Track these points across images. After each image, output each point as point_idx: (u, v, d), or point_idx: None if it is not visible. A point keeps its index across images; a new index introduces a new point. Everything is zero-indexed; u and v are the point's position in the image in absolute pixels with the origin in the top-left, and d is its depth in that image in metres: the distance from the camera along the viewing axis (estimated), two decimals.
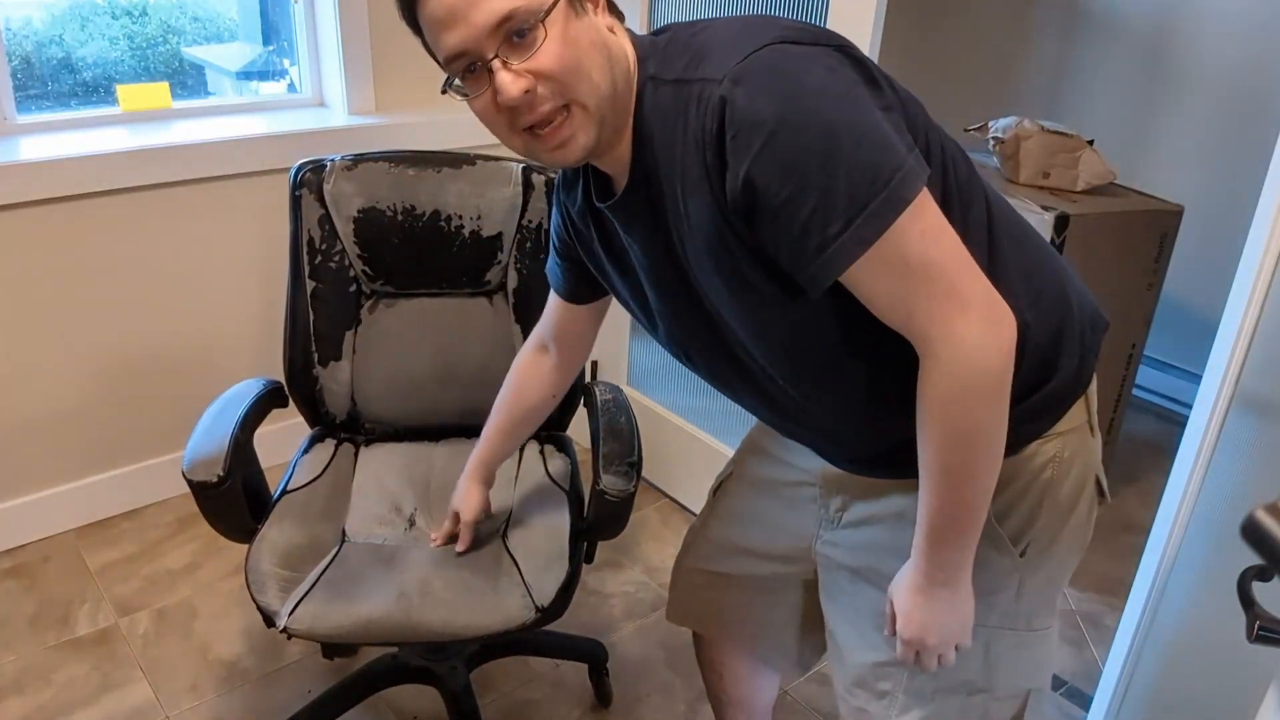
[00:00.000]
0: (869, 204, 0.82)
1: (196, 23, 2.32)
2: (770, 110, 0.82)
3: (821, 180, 0.82)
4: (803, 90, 0.82)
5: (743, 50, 0.85)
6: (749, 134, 0.83)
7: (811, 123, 0.81)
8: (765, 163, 0.83)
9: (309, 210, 1.64)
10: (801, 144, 0.82)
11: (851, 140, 0.82)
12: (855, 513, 1.14)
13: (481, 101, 0.91)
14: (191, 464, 1.38)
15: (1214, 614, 1.43)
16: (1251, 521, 0.66)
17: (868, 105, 0.84)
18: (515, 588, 1.43)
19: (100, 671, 1.86)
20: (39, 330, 2.08)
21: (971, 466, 0.92)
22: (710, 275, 0.95)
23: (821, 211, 0.83)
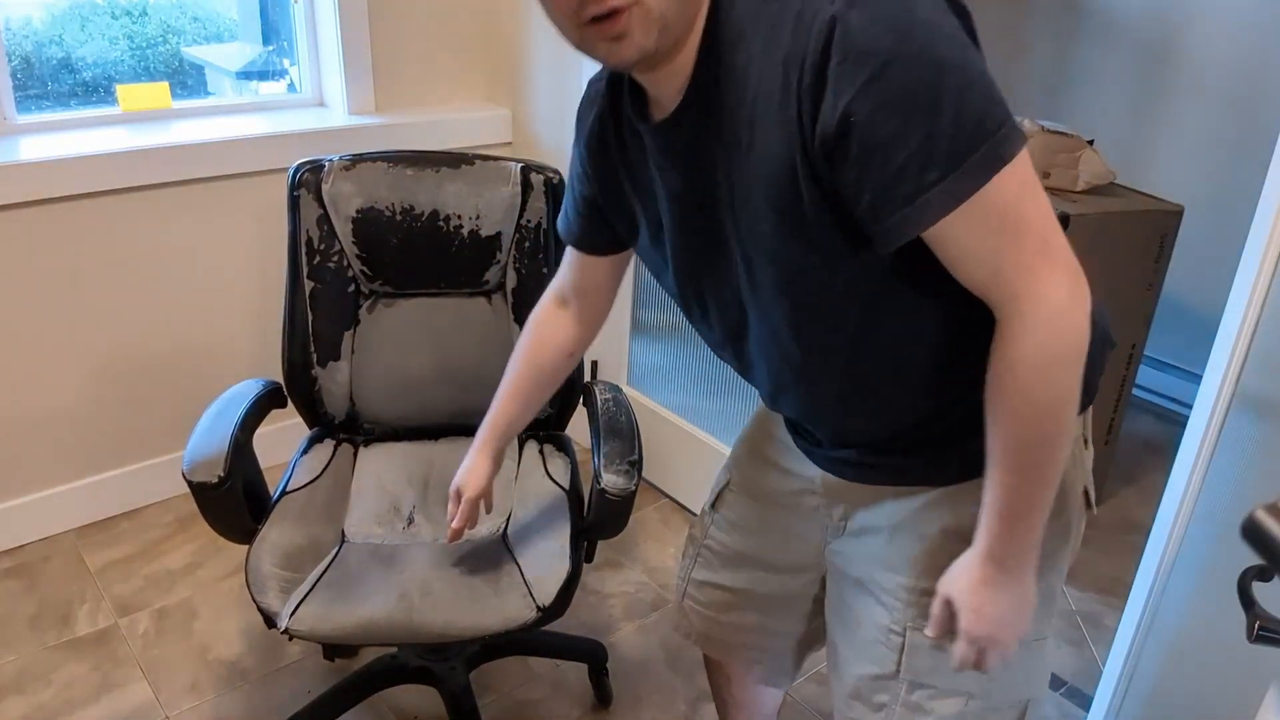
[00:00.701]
0: (973, 153, 0.77)
1: (196, 23, 2.32)
2: (885, 40, 0.76)
3: (927, 123, 0.77)
4: (916, 23, 0.77)
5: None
6: (858, 62, 0.76)
7: (924, 59, 0.76)
8: (870, 96, 0.76)
9: (307, 210, 1.64)
10: (912, 81, 0.76)
11: (962, 83, 0.77)
12: (858, 521, 1.12)
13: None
14: (192, 465, 1.38)
15: (1214, 614, 1.43)
16: (1251, 521, 0.66)
17: (974, 51, 0.80)
18: (516, 587, 1.43)
19: (100, 671, 1.86)
20: (39, 330, 2.08)
21: (1052, 439, 0.88)
22: (759, 212, 0.88)
23: (921, 156, 0.78)
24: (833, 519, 1.15)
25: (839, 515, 1.14)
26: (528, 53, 2.43)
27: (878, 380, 0.97)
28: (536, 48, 2.40)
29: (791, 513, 1.20)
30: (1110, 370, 2.36)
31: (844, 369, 0.97)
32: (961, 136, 0.77)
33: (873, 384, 0.97)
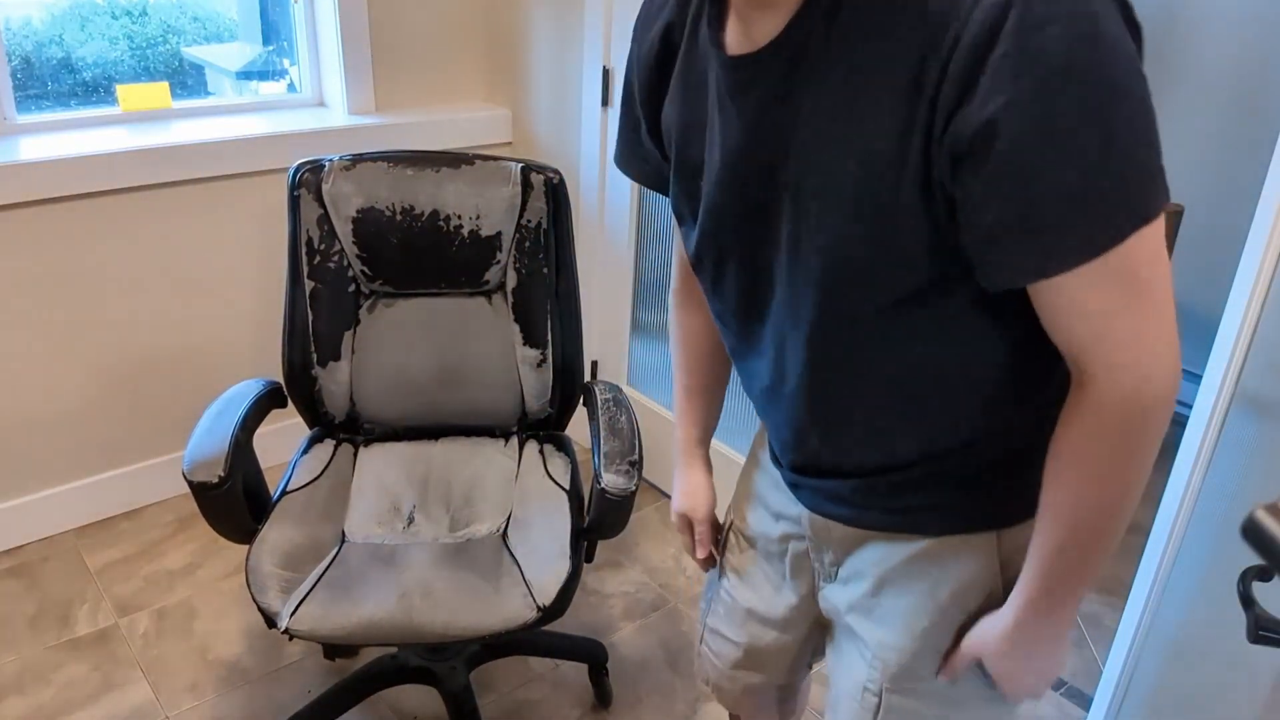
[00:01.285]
0: (1126, 202, 0.67)
1: (196, 23, 2.32)
2: (1063, 46, 0.63)
3: (1086, 155, 0.65)
4: (1102, 35, 0.64)
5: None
6: (1029, 62, 0.64)
7: (1104, 80, 0.64)
8: (1031, 107, 0.64)
9: (308, 210, 1.64)
10: (1085, 102, 0.64)
11: (1135, 119, 0.66)
12: (847, 568, 1.03)
13: None
14: (192, 465, 1.38)
15: (1214, 614, 1.43)
16: (1251, 521, 0.66)
17: (1143, 78, 0.67)
18: (516, 587, 1.43)
19: (100, 671, 1.86)
20: (39, 330, 2.08)
21: (1123, 506, 0.80)
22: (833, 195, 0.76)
23: (1067, 192, 0.66)
24: (823, 565, 1.06)
25: (829, 561, 1.05)
26: (528, 53, 2.43)
27: (896, 400, 0.87)
28: (536, 48, 2.40)
29: (780, 561, 1.11)
30: None
31: (861, 378, 0.87)
32: (1119, 180, 0.66)
33: (887, 402, 0.87)
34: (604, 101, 2.24)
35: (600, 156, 2.30)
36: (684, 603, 2.10)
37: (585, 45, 2.23)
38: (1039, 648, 0.88)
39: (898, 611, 0.97)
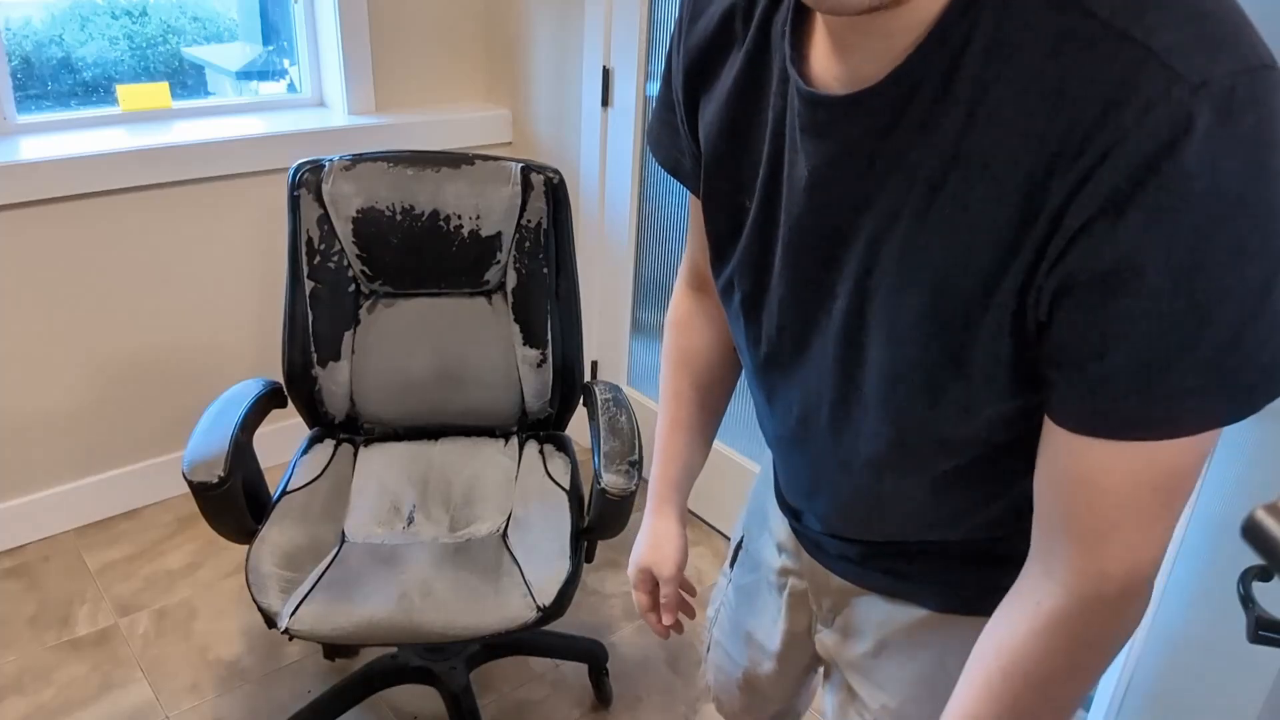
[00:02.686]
0: (1240, 386, 0.55)
1: (196, 23, 2.32)
2: (1238, 181, 0.50)
3: (1228, 320, 0.53)
4: (1276, 171, 0.51)
5: (1234, 47, 0.50)
6: (1193, 202, 0.50)
7: (1273, 230, 0.52)
8: (1182, 250, 0.51)
9: (308, 210, 1.64)
10: (1244, 252, 0.51)
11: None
12: (844, 619, 0.96)
13: None
14: (192, 465, 1.38)
15: (1214, 614, 1.43)
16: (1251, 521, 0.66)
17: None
18: (516, 587, 1.43)
19: (100, 671, 1.86)
20: (39, 330, 2.08)
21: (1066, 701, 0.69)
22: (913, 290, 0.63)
23: (1183, 362, 0.54)
24: (820, 609, 0.99)
25: (826, 607, 0.98)
26: (528, 53, 2.43)
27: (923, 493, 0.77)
28: (536, 48, 2.40)
29: (779, 595, 1.04)
30: None
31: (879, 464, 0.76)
32: (1256, 356, 0.54)
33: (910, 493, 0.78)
34: (604, 101, 2.24)
35: (600, 156, 2.30)
36: None
37: (585, 45, 2.23)
38: None
39: (904, 679, 0.90)
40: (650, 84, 2.18)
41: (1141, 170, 0.50)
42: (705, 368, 0.98)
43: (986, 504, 0.76)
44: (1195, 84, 0.49)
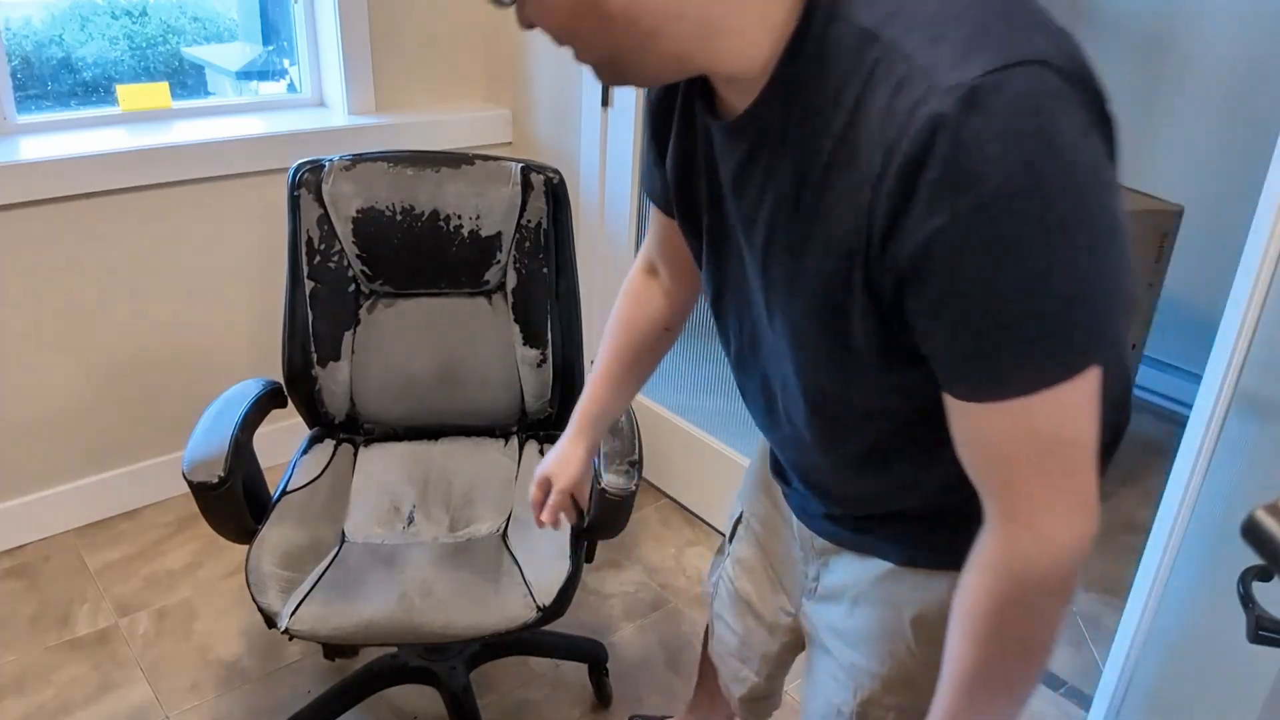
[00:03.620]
0: (1054, 352, 0.63)
1: (196, 23, 2.32)
2: (1006, 166, 0.57)
3: (1013, 288, 0.61)
4: (1052, 153, 0.58)
5: (994, 52, 0.58)
6: (962, 185, 0.58)
7: (1049, 208, 0.59)
8: (967, 232, 0.59)
9: (308, 210, 1.64)
10: (1023, 231, 0.59)
11: (1077, 254, 0.61)
12: (825, 584, 1.04)
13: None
14: (192, 465, 1.38)
15: (1214, 614, 1.43)
16: (1251, 521, 0.66)
17: (1110, 199, 0.62)
18: (516, 587, 1.43)
19: (100, 671, 1.86)
20: (39, 330, 2.07)
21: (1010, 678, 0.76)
22: (796, 289, 0.74)
23: (995, 327, 0.63)
24: (807, 576, 1.07)
25: (812, 574, 1.06)
26: (528, 53, 2.43)
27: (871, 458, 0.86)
28: (536, 48, 2.40)
29: (780, 563, 1.14)
30: None
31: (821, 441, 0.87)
32: (1047, 323, 0.62)
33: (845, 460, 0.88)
34: (604, 101, 2.24)
35: (600, 156, 2.30)
36: (684, 603, 2.10)
37: None
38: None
39: (869, 635, 0.97)
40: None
41: (916, 161, 0.59)
42: (640, 337, 1.14)
43: (927, 469, 0.83)
44: (947, 86, 0.58)
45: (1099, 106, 0.63)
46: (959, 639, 0.77)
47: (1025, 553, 0.71)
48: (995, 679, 0.76)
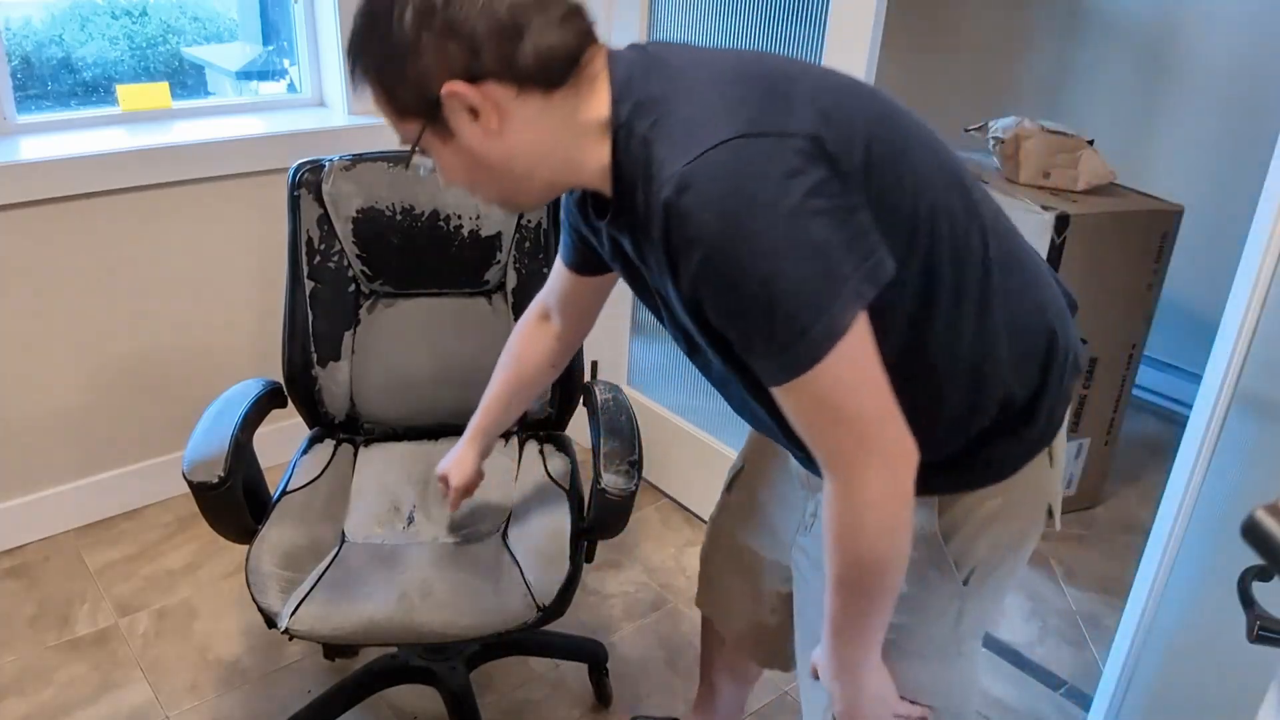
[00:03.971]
0: (799, 338, 0.81)
1: (196, 23, 2.32)
2: (709, 230, 0.79)
3: (751, 307, 0.81)
4: (749, 207, 0.78)
5: (699, 143, 0.80)
6: (688, 250, 0.81)
7: (749, 250, 0.79)
8: (703, 281, 0.82)
9: (308, 210, 1.64)
10: (736, 271, 0.80)
11: (786, 271, 0.79)
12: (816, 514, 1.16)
13: None
14: (192, 465, 1.38)
15: (1214, 614, 1.43)
16: (1251, 521, 0.66)
17: (817, 223, 0.80)
18: (516, 587, 1.43)
19: (100, 671, 1.86)
20: (39, 330, 2.08)
21: (867, 587, 0.93)
22: (682, 321, 0.96)
23: (750, 338, 0.85)
24: (805, 514, 1.19)
25: (810, 510, 1.17)
26: None
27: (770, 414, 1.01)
28: None
29: (779, 504, 1.27)
30: (1110, 370, 2.36)
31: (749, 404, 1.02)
32: (784, 328, 0.81)
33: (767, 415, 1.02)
34: None
35: None
36: (684, 603, 2.10)
37: None
38: (845, 685, 1.03)
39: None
40: None
41: (664, 239, 0.83)
42: (529, 371, 1.36)
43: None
44: (669, 175, 0.81)
45: (820, 143, 0.82)
46: (827, 554, 0.94)
47: (846, 504, 0.88)
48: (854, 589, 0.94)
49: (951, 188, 0.92)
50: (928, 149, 0.92)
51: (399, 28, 0.86)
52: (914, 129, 0.93)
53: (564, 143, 0.90)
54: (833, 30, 1.72)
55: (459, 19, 0.84)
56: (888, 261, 0.84)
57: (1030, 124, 2.32)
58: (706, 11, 2.01)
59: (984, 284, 0.92)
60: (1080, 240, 2.13)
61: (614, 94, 0.89)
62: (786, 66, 0.89)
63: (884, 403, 0.85)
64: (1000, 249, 0.95)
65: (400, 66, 0.87)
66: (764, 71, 0.87)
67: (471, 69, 0.85)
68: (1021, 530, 1.06)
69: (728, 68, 0.88)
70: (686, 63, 0.89)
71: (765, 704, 1.85)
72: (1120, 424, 2.46)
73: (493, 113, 0.87)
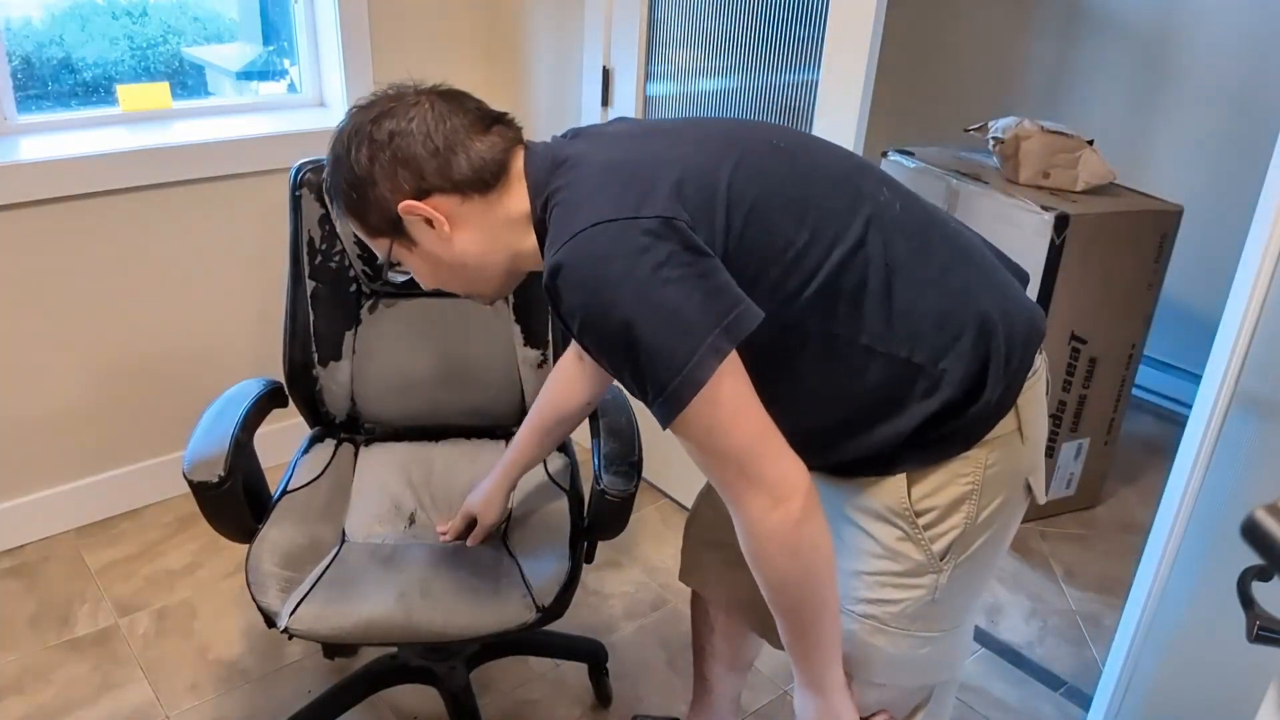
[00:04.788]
0: (663, 390, 0.92)
1: (196, 23, 2.32)
2: (577, 303, 0.93)
3: (625, 365, 0.94)
4: (604, 284, 0.92)
5: (567, 231, 0.95)
6: (567, 318, 0.96)
7: (611, 316, 0.91)
8: (584, 341, 0.97)
9: (309, 210, 1.64)
10: (604, 335, 0.93)
11: (644, 336, 0.91)
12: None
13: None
14: (192, 464, 1.38)
15: (1214, 614, 1.43)
16: (1251, 521, 0.66)
17: (668, 291, 0.91)
18: (515, 588, 1.43)
19: (100, 671, 1.86)
20: (39, 330, 2.08)
21: (794, 605, 1.01)
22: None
23: (631, 388, 0.97)
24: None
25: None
26: (528, 53, 2.43)
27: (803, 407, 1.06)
28: (537, 48, 2.40)
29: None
30: (1110, 370, 2.36)
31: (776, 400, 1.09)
32: (653, 378, 0.92)
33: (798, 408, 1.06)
34: (604, 101, 2.24)
35: None
36: (684, 603, 2.10)
37: (585, 45, 2.23)
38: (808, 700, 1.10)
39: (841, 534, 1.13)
40: (650, 84, 2.18)
41: (554, 309, 0.98)
42: (566, 409, 1.45)
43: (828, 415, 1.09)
44: (548, 263, 0.95)
45: (670, 222, 0.93)
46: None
47: (746, 532, 0.98)
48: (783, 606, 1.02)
49: (845, 210, 1.01)
50: (816, 177, 1.03)
51: (357, 165, 1.05)
52: (800, 162, 1.04)
53: (503, 236, 1.07)
54: (832, 30, 1.72)
55: (404, 150, 1.03)
56: (749, 312, 0.94)
57: (1030, 124, 2.32)
58: (706, 11, 2.01)
59: (888, 291, 1.00)
60: (1080, 240, 2.13)
61: (530, 191, 1.05)
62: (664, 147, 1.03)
63: (758, 437, 0.95)
64: (906, 248, 1.02)
65: (364, 195, 1.06)
66: (639, 157, 1.01)
67: (420, 188, 1.04)
68: (998, 506, 1.08)
69: (608, 159, 1.01)
70: (584, 153, 1.04)
71: (766, 704, 1.85)
72: (1120, 424, 2.46)
73: (443, 220, 1.05)
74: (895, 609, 1.10)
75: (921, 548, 1.08)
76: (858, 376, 1.02)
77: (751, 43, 1.94)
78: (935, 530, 1.07)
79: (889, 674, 1.14)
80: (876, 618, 1.11)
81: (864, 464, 1.09)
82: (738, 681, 1.59)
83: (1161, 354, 3.00)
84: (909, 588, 1.10)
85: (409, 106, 1.05)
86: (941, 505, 1.07)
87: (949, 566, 1.09)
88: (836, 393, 1.04)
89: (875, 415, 1.04)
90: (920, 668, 1.15)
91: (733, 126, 1.10)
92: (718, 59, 2.02)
